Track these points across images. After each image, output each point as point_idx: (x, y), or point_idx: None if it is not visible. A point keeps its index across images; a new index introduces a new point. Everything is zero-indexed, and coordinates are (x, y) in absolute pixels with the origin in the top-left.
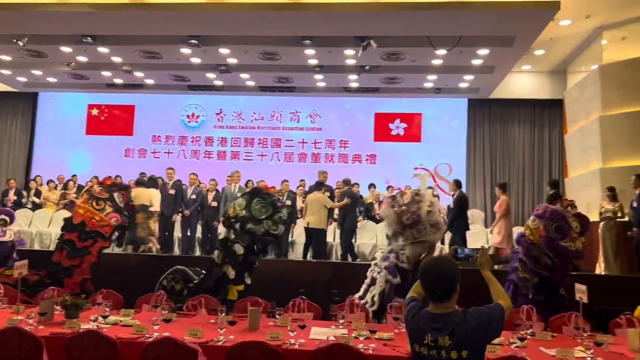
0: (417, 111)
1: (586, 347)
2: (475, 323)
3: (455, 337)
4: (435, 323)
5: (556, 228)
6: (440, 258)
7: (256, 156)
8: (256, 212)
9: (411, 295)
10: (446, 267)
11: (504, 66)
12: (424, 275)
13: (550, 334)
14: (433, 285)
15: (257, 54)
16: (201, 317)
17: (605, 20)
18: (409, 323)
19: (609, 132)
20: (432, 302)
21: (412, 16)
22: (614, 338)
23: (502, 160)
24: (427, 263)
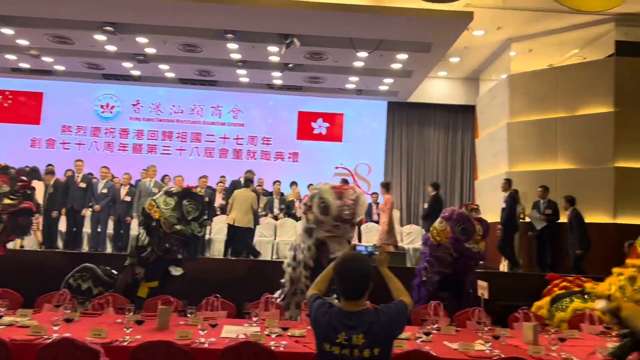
0: (339, 111)
1: (485, 341)
2: (386, 320)
3: (369, 335)
4: (349, 321)
5: (462, 230)
6: (356, 255)
7: (174, 150)
8: (187, 213)
9: (314, 293)
10: (363, 265)
11: (421, 71)
12: (340, 272)
13: (454, 328)
14: (350, 283)
15: (177, 45)
16: (107, 316)
17: (514, 33)
18: (319, 321)
19: (515, 138)
20: (346, 300)
21: (334, 17)
22: (511, 331)
23: (418, 162)
24: (344, 260)
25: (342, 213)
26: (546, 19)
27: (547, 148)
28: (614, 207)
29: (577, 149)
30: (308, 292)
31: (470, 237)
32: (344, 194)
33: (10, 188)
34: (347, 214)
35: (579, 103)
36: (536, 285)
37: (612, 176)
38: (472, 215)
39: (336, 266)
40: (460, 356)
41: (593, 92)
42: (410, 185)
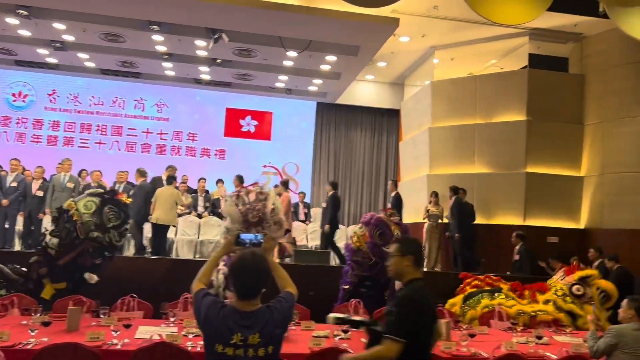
0: (268, 109)
1: None
2: (281, 318)
3: (265, 334)
4: (245, 321)
5: (380, 235)
6: (255, 254)
7: (93, 144)
8: (107, 220)
9: (201, 288)
10: (261, 264)
11: (349, 74)
12: (238, 271)
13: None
14: (247, 282)
15: (98, 34)
16: (11, 318)
17: (437, 41)
18: (211, 321)
19: (436, 142)
20: (242, 299)
21: (264, 15)
22: None
23: (344, 163)
24: (242, 259)
25: (247, 217)
26: (467, 30)
27: (466, 153)
28: (524, 210)
29: (493, 154)
30: (193, 287)
31: (388, 241)
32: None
33: None
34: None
35: (496, 111)
36: (452, 284)
37: (523, 181)
38: (391, 219)
39: (233, 265)
40: None
41: (508, 101)
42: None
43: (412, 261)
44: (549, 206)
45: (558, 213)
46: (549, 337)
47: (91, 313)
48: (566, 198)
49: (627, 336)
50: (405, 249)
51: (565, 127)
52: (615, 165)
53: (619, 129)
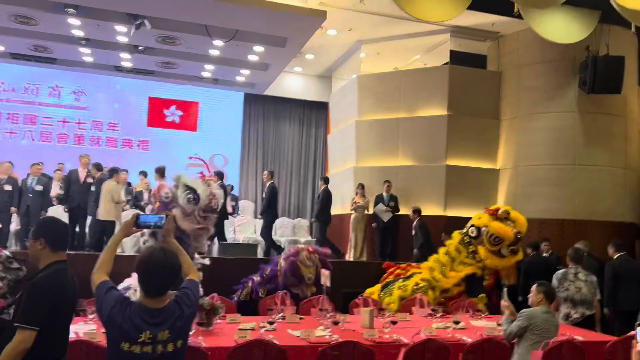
0: (194, 99)
1: (325, 327)
2: (190, 311)
3: (174, 329)
4: (154, 318)
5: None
6: (165, 250)
7: (4, 134)
8: None
9: (104, 280)
10: (174, 261)
11: (277, 65)
12: (148, 269)
13: (299, 316)
14: (159, 281)
15: (7, 15)
16: None
17: (364, 35)
18: (114, 319)
19: (362, 135)
20: (149, 296)
21: (188, 2)
22: (351, 317)
23: (273, 155)
24: (153, 256)
25: (211, 202)
26: (393, 25)
27: (390, 146)
28: (445, 201)
29: (416, 147)
30: (94, 278)
31: (297, 285)
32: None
33: None
34: (214, 204)
35: (419, 105)
36: (377, 273)
37: (443, 173)
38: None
39: (142, 262)
40: (301, 342)
41: (431, 96)
42: None
43: (44, 243)
44: (468, 197)
45: (476, 204)
46: (466, 322)
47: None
48: (483, 189)
49: (537, 318)
50: (37, 232)
51: (483, 121)
52: (528, 159)
53: (531, 124)
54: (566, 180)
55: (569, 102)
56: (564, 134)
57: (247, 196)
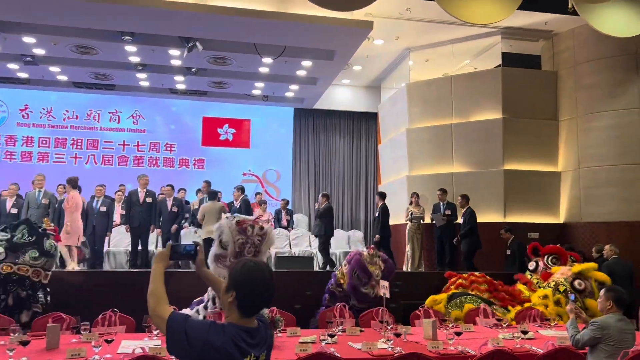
0: (245, 117)
1: (387, 339)
2: (271, 331)
3: (269, 351)
4: (252, 339)
5: (357, 277)
6: (263, 266)
7: (69, 158)
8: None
9: (173, 310)
10: (272, 278)
11: (325, 78)
12: (250, 287)
13: (359, 329)
14: (259, 299)
15: (69, 47)
16: None
17: (411, 43)
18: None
19: (413, 143)
20: (248, 315)
21: (237, 22)
22: (412, 329)
23: (324, 168)
24: (251, 271)
25: (245, 250)
26: (441, 31)
27: (444, 152)
28: (504, 207)
29: (471, 152)
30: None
31: (366, 283)
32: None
33: None
34: (249, 251)
35: (471, 110)
36: (436, 283)
37: (501, 178)
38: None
39: (242, 279)
40: (363, 355)
41: (483, 99)
42: (317, 191)
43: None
44: (529, 202)
45: (537, 208)
46: (535, 331)
47: (71, 330)
48: (545, 193)
49: (611, 328)
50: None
51: (541, 123)
52: (590, 159)
53: (592, 124)
54: (633, 180)
55: (631, 99)
56: (627, 132)
57: (300, 209)
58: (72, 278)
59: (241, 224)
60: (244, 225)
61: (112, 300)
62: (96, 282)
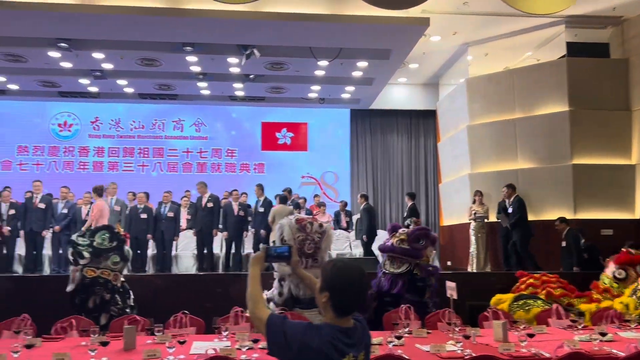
0: (302, 120)
1: (456, 341)
2: (368, 331)
3: (367, 350)
4: (349, 339)
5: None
6: (356, 266)
7: (137, 167)
8: None
9: (271, 312)
10: (365, 277)
11: (381, 78)
12: (344, 287)
13: (426, 330)
14: (354, 298)
15: (135, 60)
16: (71, 340)
17: (470, 37)
18: (310, 346)
19: (475, 140)
20: (342, 315)
21: (293, 27)
22: (481, 330)
23: (382, 168)
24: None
25: (304, 247)
26: (500, 23)
27: (507, 148)
28: (574, 203)
29: (536, 147)
30: (258, 313)
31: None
32: (307, 227)
33: None
34: (309, 248)
35: (536, 103)
36: (504, 284)
37: (570, 173)
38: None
39: (336, 279)
40: (432, 358)
41: (548, 92)
42: (376, 191)
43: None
44: (600, 197)
45: (610, 204)
46: (614, 333)
47: (146, 331)
48: (618, 188)
49: None
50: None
51: (611, 114)
52: None
53: None
54: None
55: None
56: None
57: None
58: (144, 281)
59: (300, 221)
60: (303, 222)
61: (181, 302)
62: (166, 285)
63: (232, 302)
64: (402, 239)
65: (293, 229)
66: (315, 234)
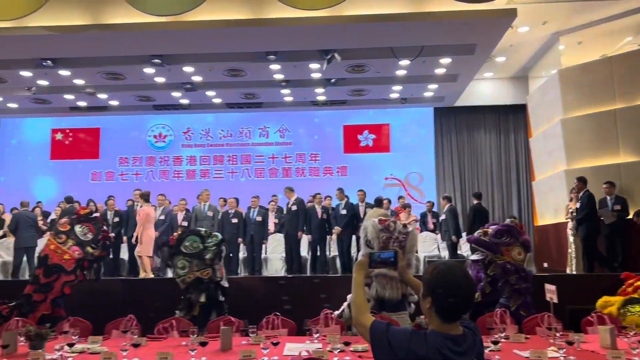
0: (384, 122)
1: (558, 347)
2: (481, 338)
3: (480, 357)
4: (459, 347)
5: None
6: (454, 266)
7: (226, 173)
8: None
9: (375, 319)
10: (472, 282)
11: (466, 74)
12: (443, 288)
13: (523, 335)
14: (455, 300)
15: (222, 71)
16: (172, 340)
17: (561, 26)
18: (418, 354)
19: (570, 134)
20: (448, 322)
21: (374, 28)
22: (585, 336)
23: (470, 167)
24: (453, 276)
25: (389, 245)
26: (594, 9)
27: (607, 141)
28: None
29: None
30: (362, 320)
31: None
32: (391, 227)
33: (93, 237)
34: (394, 246)
35: (638, 92)
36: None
37: None
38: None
39: (441, 282)
40: None
41: None
42: (464, 191)
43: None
44: None
45: None
46: None
47: (240, 332)
48: None
49: None
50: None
51: None
52: None
53: None
54: None
55: None
56: None
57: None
58: (235, 283)
59: (383, 221)
60: (387, 222)
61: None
62: (256, 286)
63: (320, 304)
64: (486, 232)
65: (376, 228)
66: (400, 234)
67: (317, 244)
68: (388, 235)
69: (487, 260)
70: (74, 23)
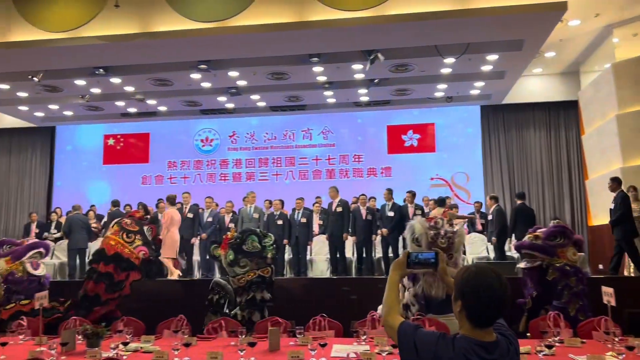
0: (429, 121)
1: (617, 352)
2: (517, 347)
3: None
4: (490, 354)
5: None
6: (487, 268)
7: (271, 176)
8: None
9: (403, 320)
10: (507, 287)
11: (514, 71)
12: (474, 291)
13: (579, 340)
14: (487, 304)
15: (266, 75)
16: (221, 340)
17: (615, 18)
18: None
19: (627, 130)
20: (480, 327)
21: (418, 27)
22: None
23: (519, 166)
24: (486, 280)
25: (437, 241)
26: None
27: None
28: None
29: None
30: (391, 321)
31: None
32: (438, 224)
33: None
34: (443, 242)
35: None
36: None
37: None
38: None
39: (473, 285)
40: None
41: None
42: (512, 191)
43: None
44: None
45: None
46: None
47: (287, 333)
48: None
49: None
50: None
51: None
52: None
53: None
54: None
55: None
56: None
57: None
58: (281, 284)
59: (430, 219)
60: (434, 219)
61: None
62: (302, 287)
63: (366, 305)
64: (537, 236)
65: (424, 225)
66: (447, 231)
67: (362, 245)
68: (436, 232)
69: (544, 265)
70: (125, 32)
